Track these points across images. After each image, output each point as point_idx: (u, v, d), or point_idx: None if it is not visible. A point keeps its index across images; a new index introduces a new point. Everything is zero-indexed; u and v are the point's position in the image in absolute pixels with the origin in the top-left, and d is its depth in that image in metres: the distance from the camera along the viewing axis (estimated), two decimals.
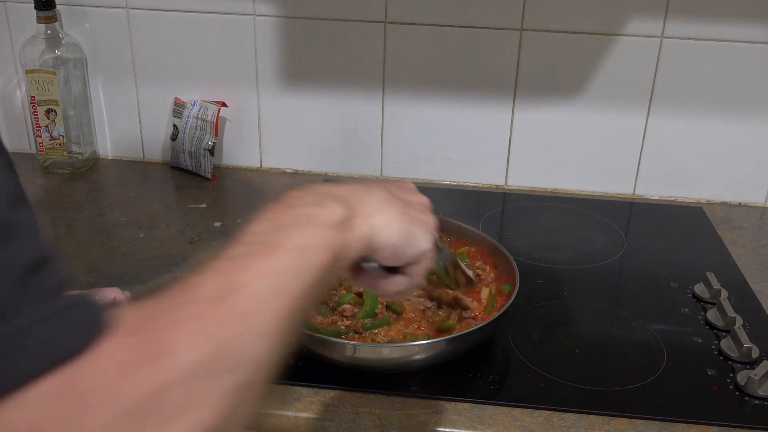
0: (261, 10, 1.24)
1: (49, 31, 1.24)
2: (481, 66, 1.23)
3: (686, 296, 0.99)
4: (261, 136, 1.34)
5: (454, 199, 1.24)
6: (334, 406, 0.77)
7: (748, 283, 1.03)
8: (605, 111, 1.24)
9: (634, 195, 1.30)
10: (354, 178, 1.34)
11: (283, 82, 1.29)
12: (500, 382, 0.81)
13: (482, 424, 0.75)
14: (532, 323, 0.92)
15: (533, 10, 1.19)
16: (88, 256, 1.04)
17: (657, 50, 1.19)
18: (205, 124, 1.28)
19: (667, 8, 1.17)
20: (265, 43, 1.26)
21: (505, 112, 1.26)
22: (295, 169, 1.36)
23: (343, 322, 0.83)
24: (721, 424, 0.76)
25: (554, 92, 1.24)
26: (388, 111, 1.29)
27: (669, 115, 1.23)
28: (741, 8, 1.15)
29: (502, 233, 1.16)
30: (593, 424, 0.75)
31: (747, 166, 1.25)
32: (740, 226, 1.21)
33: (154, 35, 1.28)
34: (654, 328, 0.91)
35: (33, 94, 1.26)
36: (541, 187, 1.32)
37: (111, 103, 1.34)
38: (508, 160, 1.30)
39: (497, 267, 0.95)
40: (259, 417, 0.76)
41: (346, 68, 1.26)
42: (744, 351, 0.85)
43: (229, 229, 1.13)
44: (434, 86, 1.26)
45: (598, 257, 1.09)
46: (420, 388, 0.79)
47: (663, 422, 0.76)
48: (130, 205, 1.20)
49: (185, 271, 0.42)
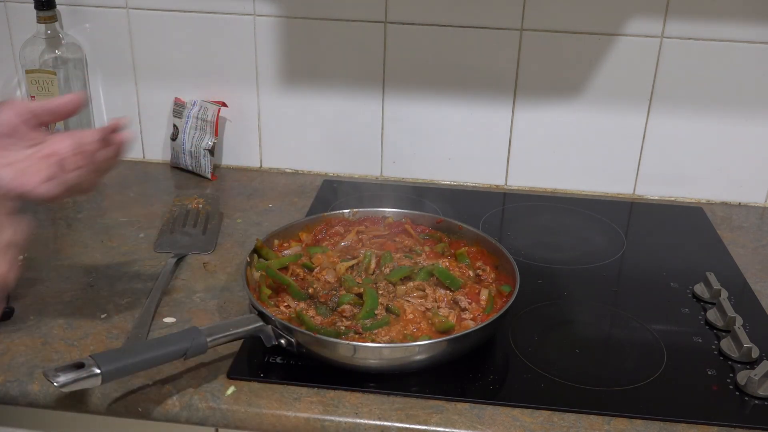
0: (261, 10, 1.24)
1: (49, 31, 1.24)
2: (481, 66, 1.23)
3: (686, 296, 0.99)
4: (261, 136, 1.34)
5: (454, 199, 1.24)
6: (334, 406, 0.77)
7: (748, 283, 1.03)
8: (605, 111, 1.24)
9: (634, 195, 1.30)
10: (354, 178, 1.34)
11: (283, 82, 1.29)
12: (500, 382, 0.81)
13: (482, 424, 0.75)
14: (532, 323, 0.92)
15: (533, 10, 1.19)
16: (88, 256, 1.04)
17: (657, 50, 1.19)
18: (205, 124, 1.28)
19: (667, 8, 1.17)
20: (265, 43, 1.26)
21: (505, 112, 1.26)
22: (295, 169, 1.36)
23: (343, 322, 0.83)
24: (721, 424, 0.76)
25: (554, 92, 1.24)
26: (388, 111, 1.29)
27: (669, 115, 1.23)
28: (741, 8, 1.15)
29: (502, 233, 1.16)
30: (593, 424, 0.75)
31: (747, 166, 1.26)
32: (740, 226, 1.21)
33: (154, 35, 1.28)
34: (654, 328, 0.91)
35: (33, 94, 1.26)
36: (541, 187, 1.32)
37: (111, 103, 1.34)
38: (508, 160, 1.30)
39: (497, 267, 0.95)
40: (260, 417, 0.76)
41: (346, 68, 1.26)
42: (744, 351, 0.85)
43: (229, 229, 1.13)
44: (434, 86, 1.26)
45: (598, 257, 1.09)
46: (420, 388, 0.79)
47: (663, 422, 0.76)
48: (130, 205, 1.20)
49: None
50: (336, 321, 0.84)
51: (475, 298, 0.88)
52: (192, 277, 1.00)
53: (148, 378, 0.79)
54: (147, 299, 0.93)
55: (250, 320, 0.80)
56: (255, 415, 0.76)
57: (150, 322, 0.88)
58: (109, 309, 0.92)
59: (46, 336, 0.86)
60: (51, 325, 0.88)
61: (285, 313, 0.85)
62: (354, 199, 1.23)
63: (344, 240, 1.00)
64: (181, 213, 1.16)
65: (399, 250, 0.98)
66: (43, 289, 0.96)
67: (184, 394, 0.78)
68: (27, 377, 0.79)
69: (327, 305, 0.86)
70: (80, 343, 0.85)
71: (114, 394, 0.77)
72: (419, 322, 0.84)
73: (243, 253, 1.06)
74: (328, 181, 1.32)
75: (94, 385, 0.69)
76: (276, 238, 0.98)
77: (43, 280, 0.98)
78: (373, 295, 0.85)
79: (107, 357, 0.70)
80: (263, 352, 0.83)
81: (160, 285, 0.96)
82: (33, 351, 0.83)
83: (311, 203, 1.23)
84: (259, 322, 0.80)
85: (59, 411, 0.80)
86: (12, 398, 0.79)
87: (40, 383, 0.78)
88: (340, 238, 1.01)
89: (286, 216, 1.18)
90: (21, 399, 0.79)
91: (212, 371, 0.81)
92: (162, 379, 0.79)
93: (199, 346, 0.76)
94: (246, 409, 0.77)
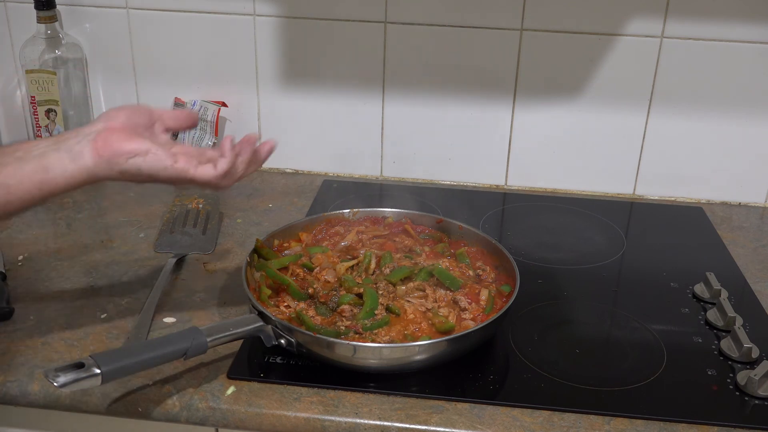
0: (261, 10, 1.24)
1: (49, 31, 1.24)
2: (481, 66, 1.23)
3: (686, 296, 0.99)
4: (261, 136, 1.34)
5: (454, 199, 1.24)
6: (334, 406, 0.77)
7: (748, 283, 1.03)
8: (605, 111, 1.24)
9: (634, 195, 1.30)
10: (354, 178, 1.34)
11: (283, 82, 1.29)
12: (500, 382, 0.81)
13: (482, 424, 0.75)
14: (532, 323, 0.92)
15: (533, 10, 1.19)
16: (88, 256, 1.04)
17: (657, 50, 1.19)
18: (205, 124, 1.28)
19: (667, 8, 1.17)
20: (265, 43, 1.26)
21: (505, 112, 1.26)
22: (295, 169, 1.36)
23: (343, 322, 0.83)
24: (721, 424, 0.76)
25: (554, 92, 1.24)
26: (388, 111, 1.29)
27: (669, 115, 1.23)
28: (741, 8, 1.15)
29: (502, 233, 1.16)
30: (593, 424, 0.76)
31: (747, 166, 1.25)
32: (740, 226, 1.21)
33: (154, 35, 1.28)
34: (654, 328, 0.91)
35: (33, 94, 1.26)
36: (541, 187, 1.32)
37: (111, 103, 1.34)
38: (508, 160, 1.30)
39: (497, 267, 0.95)
40: (260, 417, 0.76)
41: (346, 68, 1.26)
42: (744, 351, 0.85)
43: (229, 229, 1.13)
44: (434, 86, 1.26)
45: (598, 257, 1.09)
46: (420, 388, 0.79)
47: (663, 422, 0.76)
48: (130, 205, 1.20)
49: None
50: (336, 321, 0.83)
51: (475, 298, 0.88)
52: (192, 277, 1.00)
53: (148, 378, 0.79)
54: (147, 299, 0.93)
55: (250, 320, 0.80)
56: (255, 415, 0.76)
57: (150, 322, 0.88)
58: (109, 309, 0.92)
59: (46, 336, 0.86)
60: (51, 325, 0.88)
61: (285, 313, 0.85)
62: (354, 199, 1.23)
63: (344, 240, 1.00)
64: (181, 213, 1.16)
65: (399, 250, 0.98)
66: (43, 289, 0.96)
67: (184, 394, 0.78)
68: (27, 377, 0.79)
69: (327, 305, 0.86)
70: (80, 343, 0.85)
71: (114, 394, 0.77)
72: (419, 323, 0.84)
73: (243, 253, 1.06)
74: (328, 181, 1.32)
75: (94, 385, 0.69)
76: (276, 238, 0.98)
77: (43, 280, 0.98)
78: (373, 295, 0.85)
79: (107, 357, 0.70)
80: (263, 352, 0.83)
81: (160, 285, 0.96)
82: (33, 351, 0.83)
83: (311, 203, 1.23)
84: (259, 322, 0.80)
85: (59, 411, 0.80)
86: (12, 398, 0.79)
87: (40, 383, 0.78)
88: (340, 238, 1.01)
89: (286, 216, 1.18)
90: (21, 399, 0.79)
91: (212, 371, 0.81)
92: (162, 379, 0.79)
93: (199, 346, 0.76)
94: (246, 409, 0.77)
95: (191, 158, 0.74)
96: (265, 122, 1.32)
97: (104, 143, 0.71)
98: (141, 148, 0.72)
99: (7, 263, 1.01)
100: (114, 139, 0.72)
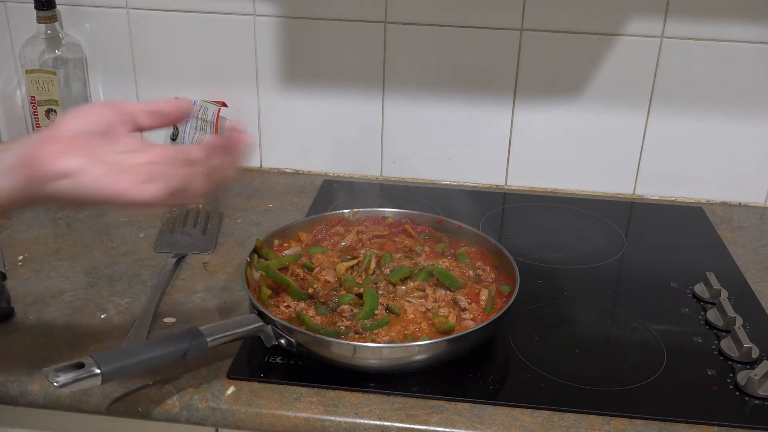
0: (261, 10, 1.24)
1: (49, 31, 1.24)
2: (481, 66, 1.23)
3: (686, 296, 0.99)
4: (261, 136, 1.34)
5: (454, 199, 1.24)
6: (334, 406, 0.77)
7: (748, 283, 1.03)
8: (605, 111, 1.24)
9: (634, 195, 1.30)
10: (354, 178, 1.34)
11: (283, 82, 1.29)
12: (500, 382, 0.81)
13: (482, 424, 0.75)
14: (532, 323, 0.92)
15: (533, 10, 1.19)
16: (88, 256, 1.04)
17: (657, 50, 1.19)
18: (205, 124, 1.28)
19: (667, 8, 1.17)
20: (265, 43, 1.26)
21: (505, 112, 1.26)
22: (295, 169, 1.36)
23: (343, 322, 0.83)
24: (721, 424, 0.76)
25: (554, 92, 1.24)
26: (388, 111, 1.29)
27: (669, 115, 1.23)
28: (741, 8, 1.15)
29: (502, 233, 1.16)
30: (593, 424, 0.75)
31: (747, 166, 1.26)
32: (740, 226, 1.21)
33: (154, 35, 1.28)
34: (654, 328, 0.91)
35: (33, 94, 1.26)
36: (541, 187, 1.32)
37: None
38: (508, 160, 1.30)
39: (497, 267, 0.95)
40: (260, 417, 0.76)
41: (346, 68, 1.26)
42: (744, 351, 0.85)
43: (229, 229, 1.13)
44: (434, 86, 1.26)
45: (598, 257, 1.09)
46: (420, 388, 0.79)
47: (663, 422, 0.76)
48: None
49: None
50: (336, 321, 0.83)
51: (475, 298, 0.88)
52: (192, 277, 1.00)
53: (148, 378, 0.79)
54: (147, 299, 0.93)
55: (250, 320, 0.80)
56: (255, 415, 0.76)
57: (150, 322, 0.88)
58: (109, 309, 0.92)
59: (46, 336, 0.86)
60: (51, 325, 0.88)
61: (285, 313, 0.85)
62: (354, 199, 1.23)
63: (344, 240, 1.00)
64: (181, 213, 1.16)
65: (399, 250, 0.98)
66: (43, 289, 0.96)
67: (184, 394, 0.78)
68: (27, 377, 0.79)
69: (327, 305, 0.86)
70: (80, 343, 0.85)
71: (114, 394, 0.77)
72: (419, 323, 0.84)
73: (243, 253, 1.06)
74: (328, 181, 1.32)
75: (94, 385, 0.69)
76: (276, 238, 0.98)
77: (43, 280, 0.98)
78: (373, 295, 0.85)
79: (107, 357, 0.70)
80: (263, 352, 0.83)
81: (160, 285, 0.96)
82: (33, 351, 0.83)
83: (311, 203, 1.23)
84: (259, 322, 0.80)
85: (59, 411, 0.80)
86: (12, 398, 0.79)
87: (40, 383, 0.78)
88: (340, 238, 1.01)
89: (286, 216, 1.18)
90: (21, 399, 0.79)
91: (212, 371, 0.81)
92: (162, 379, 0.79)
93: (199, 346, 0.76)
94: (246, 409, 0.77)
95: (140, 175, 0.59)
96: (265, 122, 1.32)
97: (30, 159, 0.57)
98: (69, 167, 0.56)
99: (7, 263, 1.01)
100: (45, 154, 0.57)
